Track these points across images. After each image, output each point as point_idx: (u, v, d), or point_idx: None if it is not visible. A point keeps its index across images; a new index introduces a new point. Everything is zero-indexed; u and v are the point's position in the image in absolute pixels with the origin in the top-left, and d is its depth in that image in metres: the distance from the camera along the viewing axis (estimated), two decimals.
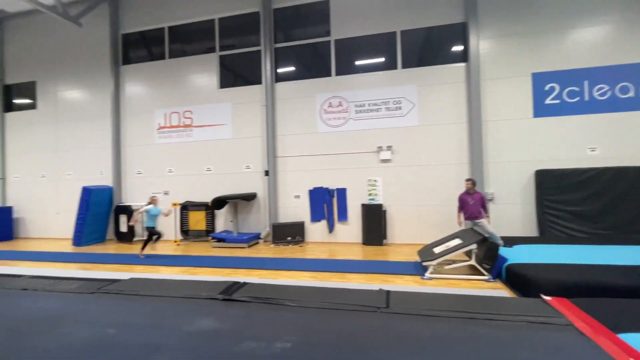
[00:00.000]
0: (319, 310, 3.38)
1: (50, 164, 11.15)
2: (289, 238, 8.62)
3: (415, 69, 8.49)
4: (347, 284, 5.08)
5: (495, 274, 5.06)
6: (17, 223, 11.35)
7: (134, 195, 10.32)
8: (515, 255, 5.22)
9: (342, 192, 8.75)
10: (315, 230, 8.99)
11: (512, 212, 7.78)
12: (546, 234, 7.30)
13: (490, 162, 7.91)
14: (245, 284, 4.27)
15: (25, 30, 11.48)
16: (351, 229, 8.74)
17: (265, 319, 3.19)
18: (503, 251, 5.46)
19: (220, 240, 8.49)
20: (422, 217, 8.30)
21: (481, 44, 8.00)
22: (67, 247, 9.20)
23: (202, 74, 9.88)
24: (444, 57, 8.42)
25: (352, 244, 8.56)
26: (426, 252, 5.89)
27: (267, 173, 9.12)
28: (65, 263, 7.26)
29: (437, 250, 5.70)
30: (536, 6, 7.77)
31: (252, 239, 8.64)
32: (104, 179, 10.50)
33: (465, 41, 8.12)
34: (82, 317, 3.20)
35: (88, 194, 9.49)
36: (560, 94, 7.62)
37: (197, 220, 9.54)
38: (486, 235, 5.71)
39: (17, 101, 11.71)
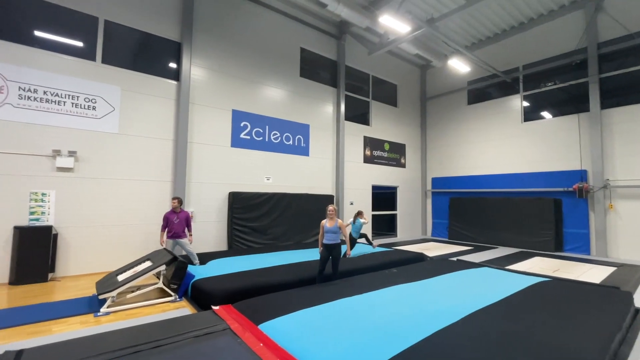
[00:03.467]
0: None
1: None
2: None
3: (121, 69, 7.46)
4: None
5: (182, 292, 5.12)
6: None
7: None
8: (202, 271, 5.57)
9: None
10: None
11: (208, 230, 8.45)
12: (233, 247, 8.53)
13: (193, 181, 8.28)
14: None
15: None
16: None
17: None
18: (192, 268, 5.69)
19: None
20: (115, 239, 7.12)
21: (194, 70, 8.42)
22: None
23: None
24: (158, 69, 8.04)
25: None
26: (107, 282, 4.98)
27: None
28: None
29: (121, 277, 4.97)
30: (240, 58, 9.31)
31: None
32: None
33: (179, 61, 8.22)
34: None
35: None
36: (250, 131, 9.46)
37: None
38: (179, 255, 5.73)
39: None
